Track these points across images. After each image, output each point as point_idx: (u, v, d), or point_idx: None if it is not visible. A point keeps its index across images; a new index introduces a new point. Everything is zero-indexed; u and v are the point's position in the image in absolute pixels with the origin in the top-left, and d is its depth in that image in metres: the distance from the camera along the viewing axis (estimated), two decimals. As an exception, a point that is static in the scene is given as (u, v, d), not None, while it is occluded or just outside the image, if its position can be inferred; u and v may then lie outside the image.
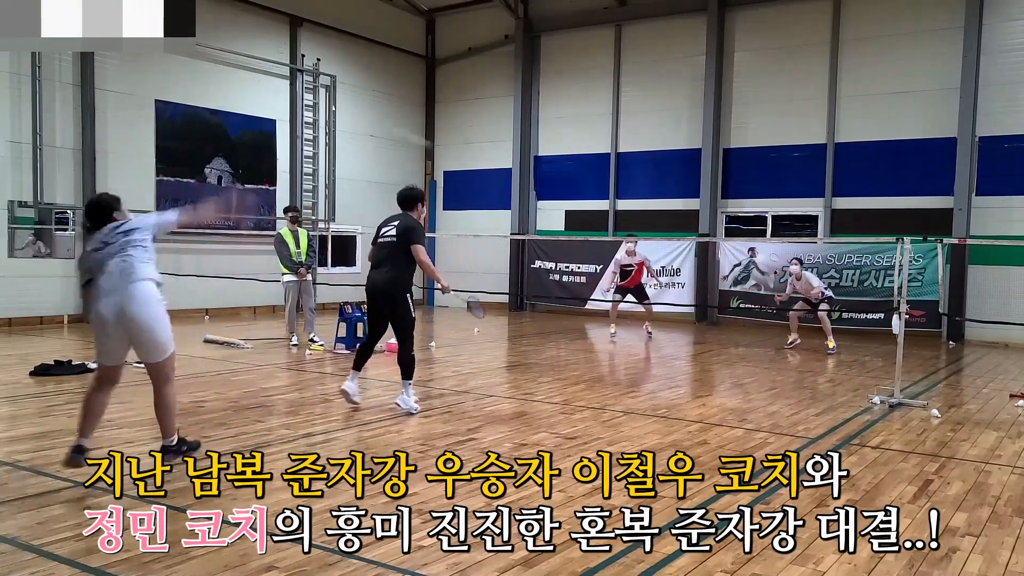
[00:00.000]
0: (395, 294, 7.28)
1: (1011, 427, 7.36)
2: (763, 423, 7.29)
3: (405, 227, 7.31)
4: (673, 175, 17.77)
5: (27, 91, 13.64)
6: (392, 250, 7.29)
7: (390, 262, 7.30)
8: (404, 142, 19.38)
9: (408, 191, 7.65)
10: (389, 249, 7.31)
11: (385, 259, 7.33)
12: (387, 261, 7.31)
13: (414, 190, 7.70)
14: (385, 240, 7.38)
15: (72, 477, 5.13)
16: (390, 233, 7.37)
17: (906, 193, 15.27)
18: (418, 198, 7.58)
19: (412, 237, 7.26)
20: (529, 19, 19.46)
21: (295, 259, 11.68)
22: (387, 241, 7.35)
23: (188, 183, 15.97)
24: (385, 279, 7.29)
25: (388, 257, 7.31)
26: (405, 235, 7.27)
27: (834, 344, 12.36)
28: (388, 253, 7.31)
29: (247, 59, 16.80)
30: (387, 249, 7.33)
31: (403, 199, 7.59)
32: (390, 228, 7.41)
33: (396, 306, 7.32)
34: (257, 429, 6.67)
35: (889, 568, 3.96)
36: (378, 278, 7.34)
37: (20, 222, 13.64)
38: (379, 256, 7.41)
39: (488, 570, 3.85)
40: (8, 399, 7.80)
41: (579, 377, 9.85)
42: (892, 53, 15.34)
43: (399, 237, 7.28)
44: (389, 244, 7.32)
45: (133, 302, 4.95)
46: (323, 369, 10.03)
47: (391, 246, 7.31)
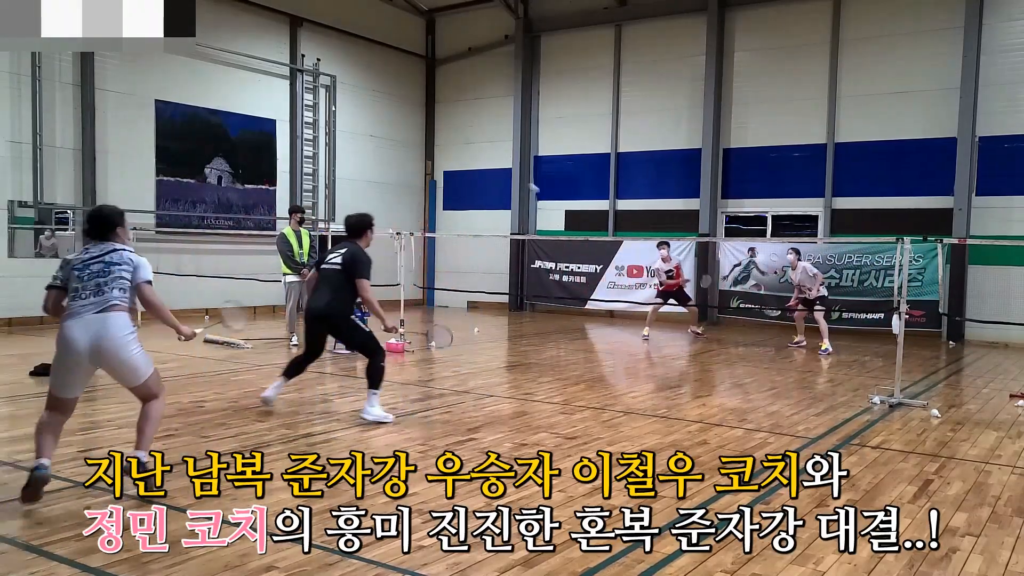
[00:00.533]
0: (336, 319, 7.17)
1: (1011, 427, 7.36)
2: (763, 423, 7.29)
3: (351, 257, 7.13)
4: (673, 175, 17.77)
5: (27, 91, 13.64)
6: (335, 278, 7.13)
7: (330, 290, 7.11)
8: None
9: (357, 218, 7.46)
10: (332, 278, 7.14)
11: (325, 286, 7.16)
12: (327, 288, 7.14)
13: (364, 217, 7.49)
14: (329, 268, 7.21)
15: (72, 477, 5.13)
16: (335, 260, 7.20)
17: (906, 193, 15.27)
18: (367, 225, 7.40)
19: (357, 270, 7.07)
20: (529, 19, 19.46)
21: (297, 259, 11.65)
22: (332, 269, 7.18)
23: (188, 183, 15.97)
24: (325, 304, 7.10)
25: (329, 285, 7.14)
26: (350, 267, 7.09)
27: (827, 346, 12.33)
28: (330, 281, 7.14)
29: (247, 59, 16.80)
30: (330, 278, 7.16)
31: (351, 227, 7.41)
32: (335, 255, 7.25)
33: (340, 330, 7.29)
34: (257, 429, 6.67)
35: (889, 568, 3.96)
36: (318, 304, 7.15)
37: (20, 222, 13.64)
38: (320, 283, 7.24)
39: (488, 570, 3.85)
40: (8, 399, 7.80)
41: (579, 377, 9.85)
42: (892, 53, 15.34)
43: (344, 267, 7.11)
44: (333, 272, 7.15)
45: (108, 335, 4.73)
46: (323, 369, 10.02)
47: (335, 274, 7.14)
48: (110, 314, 4.73)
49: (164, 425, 6.70)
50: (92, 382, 8.73)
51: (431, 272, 20.84)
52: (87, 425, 6.75)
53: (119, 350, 4.74)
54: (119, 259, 4.85)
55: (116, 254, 4.87)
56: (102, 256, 4.84)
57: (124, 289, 4.82)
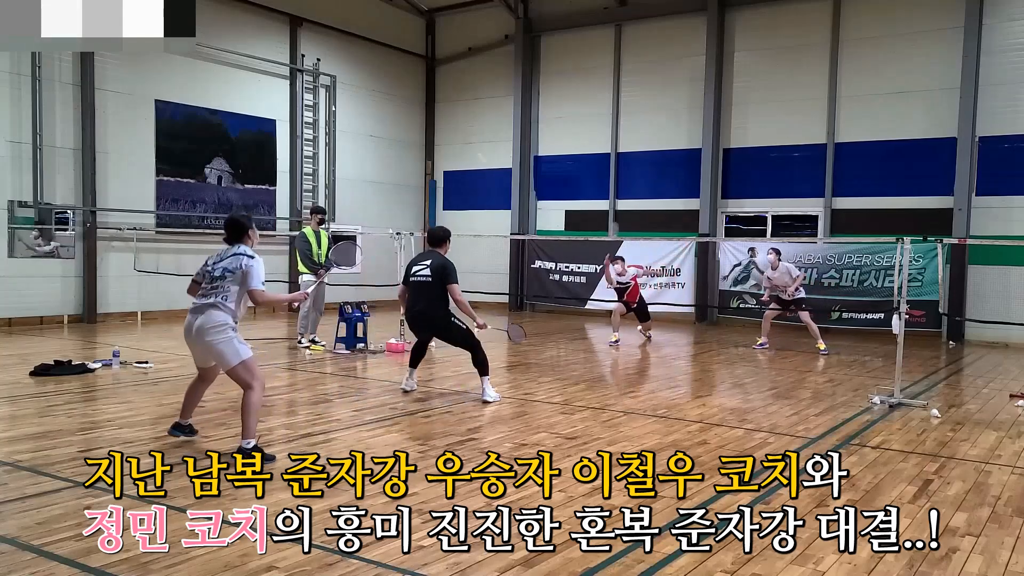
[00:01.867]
0: (441, 323, 8.03)
1: (1011, 427, 7.36)
2: (763, 423, 7.29)
3: (440, 267, 7.88)
4: (673, 175, 17.77)
5: (27, 91, 13.64)
6: (428, 289, 7.88)
7: (426, 300, 7.91)
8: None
9: (440, 231, 8.29)
10: (425, 289, 7.90)
11: (421, 298, 7.94)
12: (423, 299, 7.93)
13: (445, 230, 8.34)
14: (419, 280, 7.92)
15: (72, 477, 5.14)
16: (423, 273, 7.91)
17: (906, 193, 15.26)
18: (447, 237, 8.22)
19: (448, 277, 7.83)
20: (529, 19, 19.45)
21: (316, 259, 11.60)
22: (422, 281, 7.90)
23: (188, 183, 15.97)
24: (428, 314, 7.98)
25: (424, 296, 7.91)
26: (441, 275, 7.84)
27: (825, 346, 12.33)
28: (424, 292, 7.91)
29: (247, 59, 16.80)
30: (423, 289, 7.91)
31: (434, 238, 8.25)
32: (422, 267, 7.95)
33: (449, 332, 8.09)
34: (258, 429, 6.65)
35: (889, 568, 3.96)
36: (420, 313, 8.01)
37: (20, 222, 13.64)
38: (415, 295, 7.99)
39: (488, 570, 3.85)
40: (8, 399, 7.80)
41: (579, 377, 9.85)
42: (892, 53, 15.34)
43: (434, 277, 7.85)
44: (425, 284, 7.89)
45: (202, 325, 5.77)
46: (323, 369, 10.02)
47: (427, 286, 7.88)
48: (211, 310, 5.76)
49: (164, 425, 6.71)
50: (92, 383, 8.75)
51: (431, 272, 20.81)
52: (87, 425, 6.76)
53: (206, 335, 5.73)
54: (234, 266, 5.81)
55: (235, 259, 5.84)
56: (225, 261, 5.86)
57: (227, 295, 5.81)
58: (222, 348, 5.75)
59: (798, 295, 12.57)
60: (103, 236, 14.68)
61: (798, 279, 12.53)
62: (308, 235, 11.68)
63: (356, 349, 11.34)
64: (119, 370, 9.45)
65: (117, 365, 9.60)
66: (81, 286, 14.50)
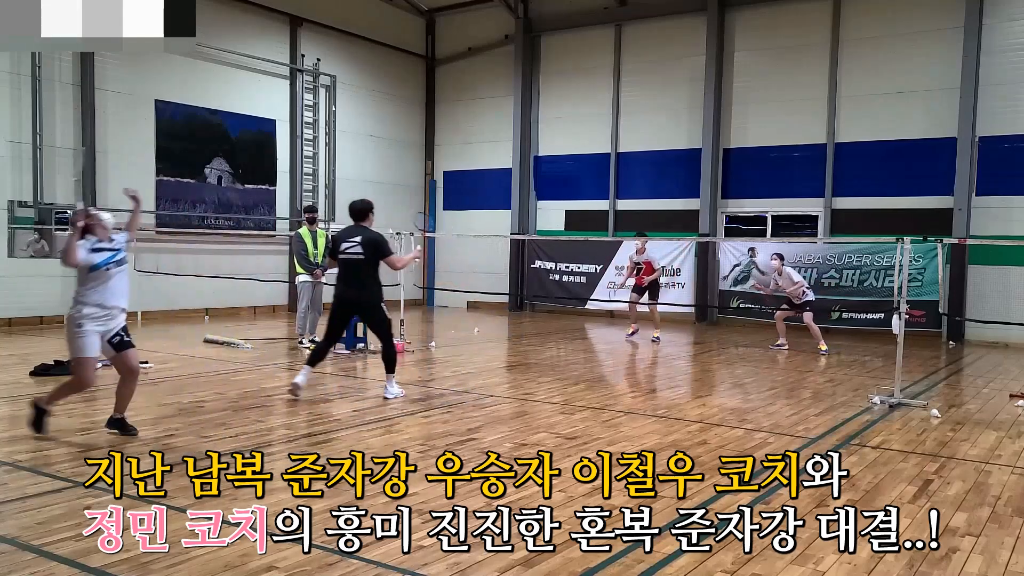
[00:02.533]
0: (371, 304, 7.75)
1: (1011, 427, 7.36)
2: (763, 423, 7.29)
3: (372, 241, 7.63)
4: (673, 175, 17.77)
5: (27, 91, 13.64)
6: (360, 267, 7.61)
7: (358, 280, 7.63)
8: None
9: (361, 203, 7.90)
10: (357, 268, 7.62)
11: (353, 278, 7.65)
12: (354, 280, 7.64)
13: (366, 201, 7.98)
14: (350, 258, 7.64)
15: (72, 477, 5.14)
16: (354, 250, 7.62)
17: (906, 193, 15.26)
18: (370, 208, 7.91)
19: (382, 251, 7.66)
20: (529, 19, 19.45)
21: (312, 259, 11.62)
22: (353, 259, 7.62)
23: (188, 183, 15.97)
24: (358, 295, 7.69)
25: (356, 275, 7.63)
26: (374, 251, 7.60)
27: (826, 347, 12.33)
28: (356, 271, 7.63)
29: (247, 59, 16.80)
30: (355, 267, 7.62)
31: (358, 211, 7.83)
32: (352, 244, 7.64)
33: (374, 314, 7.81)
34: (257, 429, 6.67)
35: (889, 568, 3.95)
36: (350, 294, 7.70)
37: (20, 222, 13.64)
38: (346, 275, 7.71)
39: (488, 570, 3.85)
40: (8, 399, 7.80)
41: (579, 377, 9.85)
42: (892, 53, 15.34)
43: (367, 253, 7.59)
44: (356, 262, 7.61)
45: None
46: (323, 369, 10.02)
47: (359, 265, 7.61)
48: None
49: (164, 425, 6.72)
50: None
51: (431, 272, 20.84)
52: (87, 425, 6.75)
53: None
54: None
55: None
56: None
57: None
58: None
59: (806, 297, 12.59)
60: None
61: (800, 284, 12.55)
62: (304, 235, 11.71)
63: (356, 349, 11.34)
64: (119, 370, 9.42)
65: (117, 365, 9.57)
66: (81, 286, 14.48)
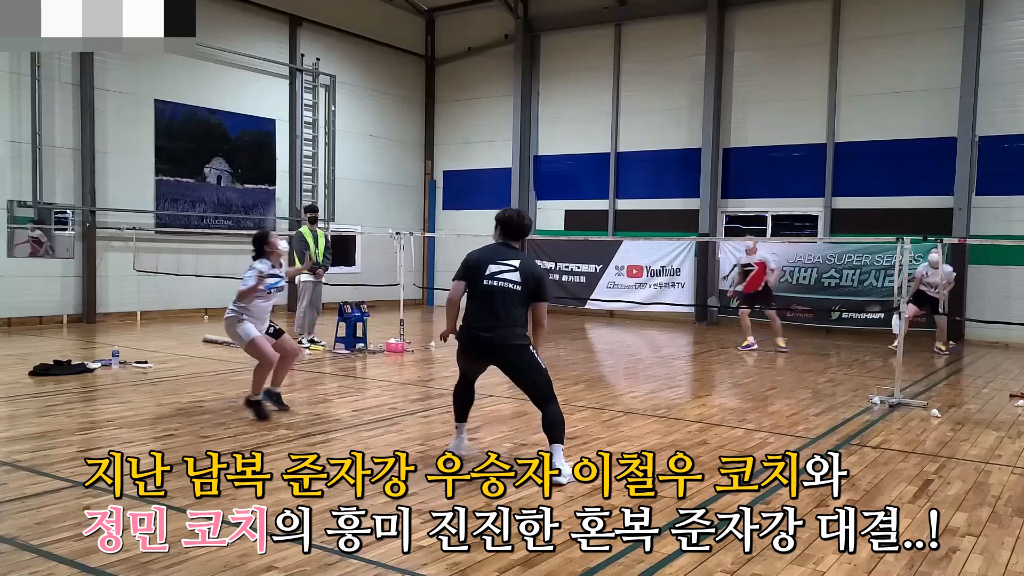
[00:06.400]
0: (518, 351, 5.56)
1: (1011, 427, 7.36)
2: (763, 423, 7.28)
3: (534, 274, 5.63)
4: (673, 175, 17.76)
5: (27, 91, 13.63)
6: (512, 300, 5.54)
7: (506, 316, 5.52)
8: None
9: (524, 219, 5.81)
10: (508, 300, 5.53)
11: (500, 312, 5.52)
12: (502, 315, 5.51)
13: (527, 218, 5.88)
14: (501, 287, 5.53)
15: (72, 477, 5.13)
16: (510, 278, 5.54)
17: (906, 193, 15.26)
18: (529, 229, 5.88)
19: (543, 293, 5.65)
20: (529, 19, 19.44)
21: (313, 258, 11.61)
22: (506, 289, 5.53)
23: (187, 183, 15.96)
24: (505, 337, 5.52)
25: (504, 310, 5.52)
26: (535, 286, 5.59)
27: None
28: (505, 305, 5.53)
29: (247, 59, 16.79)
30: (506, 299, 5.53)
31: (516, 229, 5.74)
32: (506, 270, 5.57)
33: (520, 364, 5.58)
34: (257, 429, 6.67)
35: (889, 568, 3.95)
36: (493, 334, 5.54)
37: (20, 222, 13.63)
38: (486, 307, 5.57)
39: (488, 570, 3.85)
40: (8, 399, 7.80)
41: (579, 377, 9.84)
42: (892, 53, 15.33)
43: (524, 284, 5.54)
44: (510, 293, 5.53)
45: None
46: (323, 369, 10.02)
47: (512, 296, 5.53)
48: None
49: (163, 425, 6.72)
50: (91, 383, 8.74)
51: (431, 272, 20.83)
52: (87, 425, 6.75)
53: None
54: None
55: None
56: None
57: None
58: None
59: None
60: (102, 236, 14.68)
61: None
62: (305, 235, 11.71)
63: (355, 349, 11.34)
64: (118, 370, 9.44)
65: (116, 365, 9.59)
66: (80, 286, 14.49)
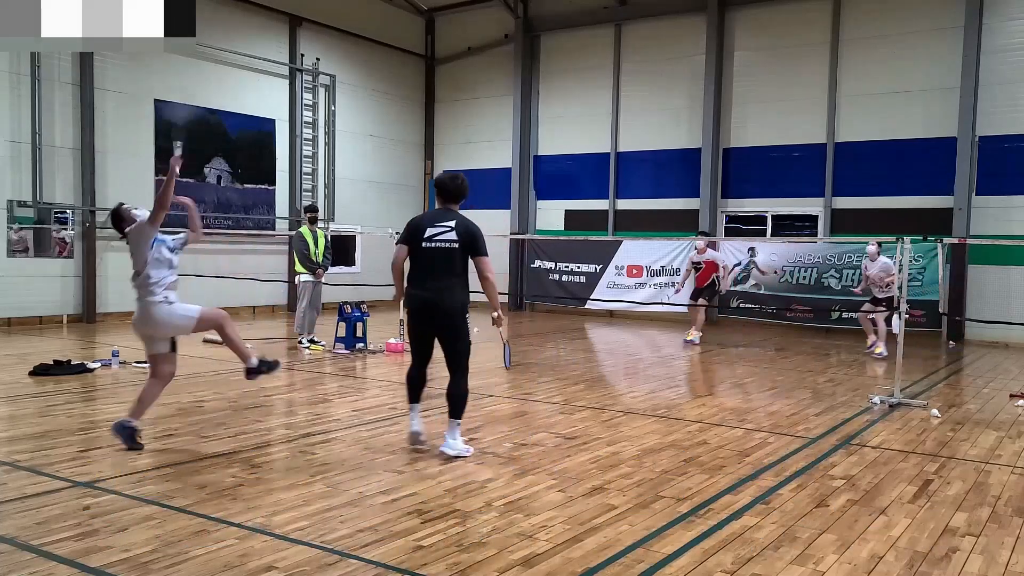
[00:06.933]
0: (456, 316, 5.71)
1: (1011, 427, 7.36)
2: (763, 423, 7.28)
3: (469, 232, 5.76)
4: (673, 175, 17.76)
5: (26, 91, 13.63)
6: (450, 260, 5.70)
7: (447, 274, 5.69)
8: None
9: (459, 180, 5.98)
10: (447, 260, 5.70)
11: (440, 270, 5.69)
12: (442, 272, 5.68)
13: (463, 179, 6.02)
14: (440, 246, 5.71)
15: (72, 477, 5.13)
16: (446, 237, 5.72)
17: (906, 193, 15.26)
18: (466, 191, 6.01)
19: (480, 247, 5.76)
20: (529, 19, 19.45)
21: (313, 258, 11.62)
22: (444, 247, 5.70)
23: (187, 183, 15.94)
24: (444, 295, 5.67)
25: (444, 270, 5.69)
26: (472, 242, 5.73)
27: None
28: (444, 265, 5.69)
29: (247, 59, 16.79)
30: (444, 259, 5.70)
31: (454, 191, 5.92)
32: (443, 230, 5.74)
33: (457, 332, 5.72)
34: (257, 429, 6.66)
35: (889, 568, 3.95)
36: (432, 294, 5.68)
37: (19, 222, 13.63)
38: (428, 268, 5.73)
39: (488, 570, 3.85)
40: (8, 399, 7.80)
41: (579, 377, 9.84)
42: (892, 53, 15.33)
43: (460, 243, 5.71)
44: (447, 251, 5.70)
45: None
46: (322, 369, 10.02)
47: (450, 255, 5.70)
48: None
49: (163, 425, 6.72)
50: (91, 383, 8.75)
51: (431, 272, 20.80)
52: (86, 425, 6.75)
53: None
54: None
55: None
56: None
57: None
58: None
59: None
60: (102, 236, 14.66)
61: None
62: (305, 234, 11.71)
63: (355, 349, 11.34)
64: (118, 370, 9.44)
65: (116, 365, 9.59)
66: (80, 286, 14.49)
